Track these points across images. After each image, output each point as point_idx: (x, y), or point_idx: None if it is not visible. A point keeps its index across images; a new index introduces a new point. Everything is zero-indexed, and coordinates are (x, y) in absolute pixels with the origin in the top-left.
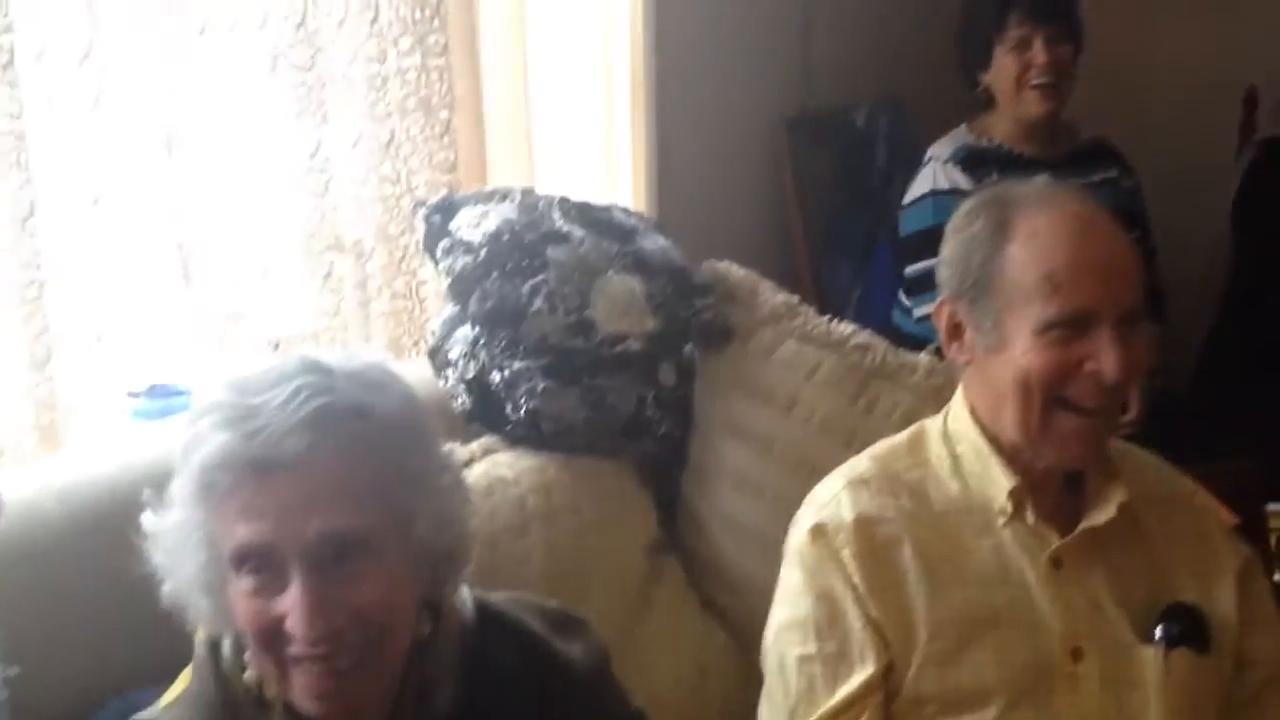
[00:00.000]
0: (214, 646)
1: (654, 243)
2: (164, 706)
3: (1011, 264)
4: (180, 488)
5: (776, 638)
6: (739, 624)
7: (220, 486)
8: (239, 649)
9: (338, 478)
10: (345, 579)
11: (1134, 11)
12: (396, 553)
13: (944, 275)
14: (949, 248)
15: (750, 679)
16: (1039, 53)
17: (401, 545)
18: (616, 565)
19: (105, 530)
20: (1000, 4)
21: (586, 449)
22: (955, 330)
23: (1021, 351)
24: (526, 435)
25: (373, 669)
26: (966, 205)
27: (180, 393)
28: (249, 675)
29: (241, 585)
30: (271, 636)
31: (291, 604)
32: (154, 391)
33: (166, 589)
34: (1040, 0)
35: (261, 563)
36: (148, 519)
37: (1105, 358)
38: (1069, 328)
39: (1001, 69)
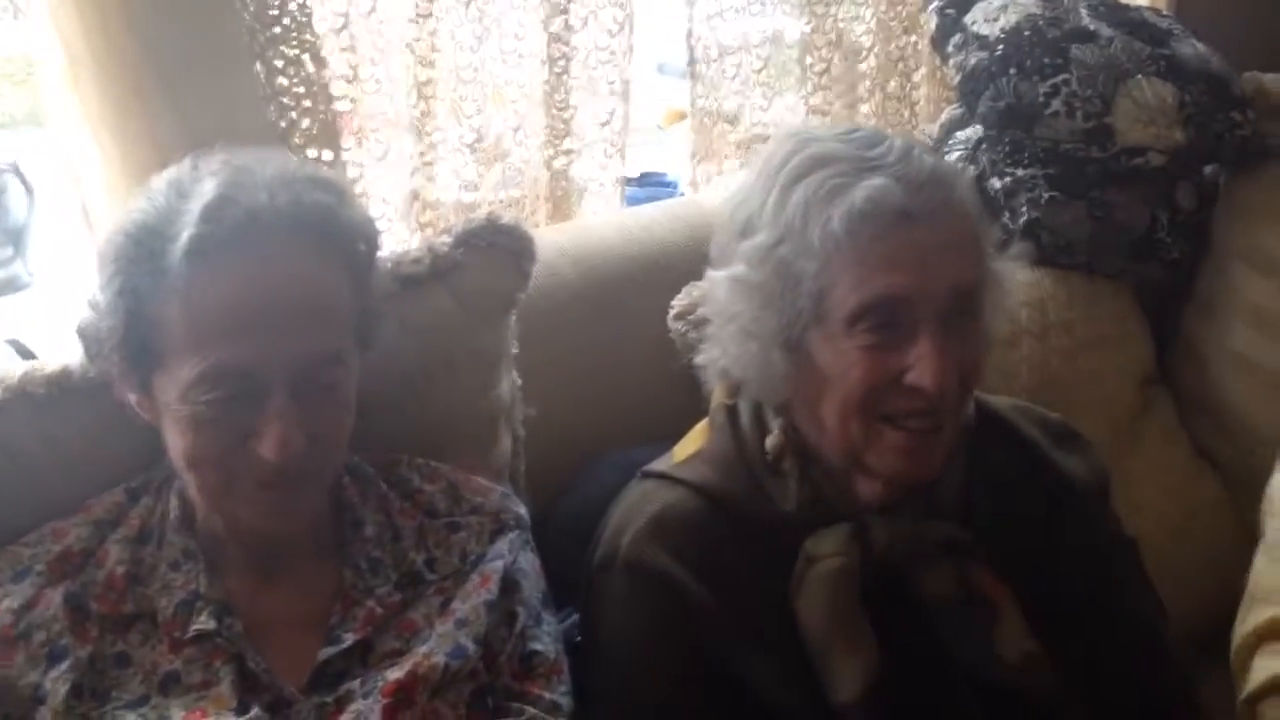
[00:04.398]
0: (732, 411)
1: (1191, 48)
2: (678, 462)
3: None
4: (791, 241)
5: None
6: (1235, 472)
7: (864, 234)
8: (757, 415)
9: (962, 232)
10: (962, 335)
11: None
12: (984, 318)
13: None
14: None
15: (1240, 532)
16: None
17: (983, 310)
18: (1107, 392)
19: (612, 294)
20: None
21: (1085, 267)
22: None
23: None
24: (1023, 247)
25: (947, 437)
26: None
27: (669, 183)
28: (771, 440)
29: (857, 340)
30: (880, 392)
31: (920, 356)
32: (645, 180)
33: (724, 347)
34: None
35: (891, 315)
36: (715, 277)
37: None
38: None
39: None
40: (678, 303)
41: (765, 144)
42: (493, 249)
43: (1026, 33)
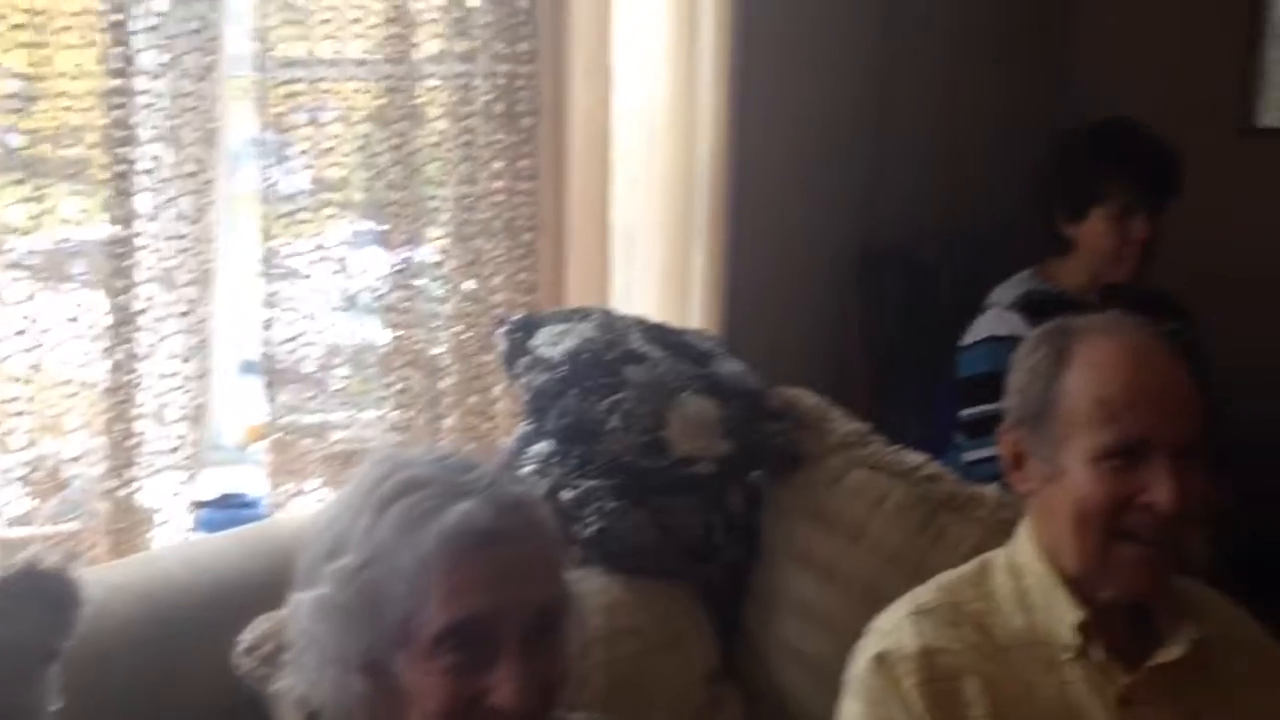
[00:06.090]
0: None
1: (729, 367)
2: None
3: (1069, 392)
4: (381, 562)
5: None
6: None
7: (453, 557)
8: None
9: (545, 554)
10: (545, 652)
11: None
12: (565, 637)
13: (1009, 405)
14: (1013, 377)
15: None
16: (1141, 227)
17: (563, 629)
18: (676, 691)
19: (176, 632)
20: (1111, 168)
21: (650, 571)
22: (1017, 460)
23: (1077, 481)
24: (591, 556)
25: None
26: (1032, 335)
27: (250, 504)
28: None
29: (441, 661)
30: (461, 715)
31: (502, 677)
32: (225, 502)
33: (304, 672)
34: (1156, 178)
35: (475, 635)
36: (300, 599)
37: (1160, 488)
38: (1124, 456)
39: (1096, 231)
40: (247, 637)
41: (356, 466)
42: (31, 597)
43: (585, 355)
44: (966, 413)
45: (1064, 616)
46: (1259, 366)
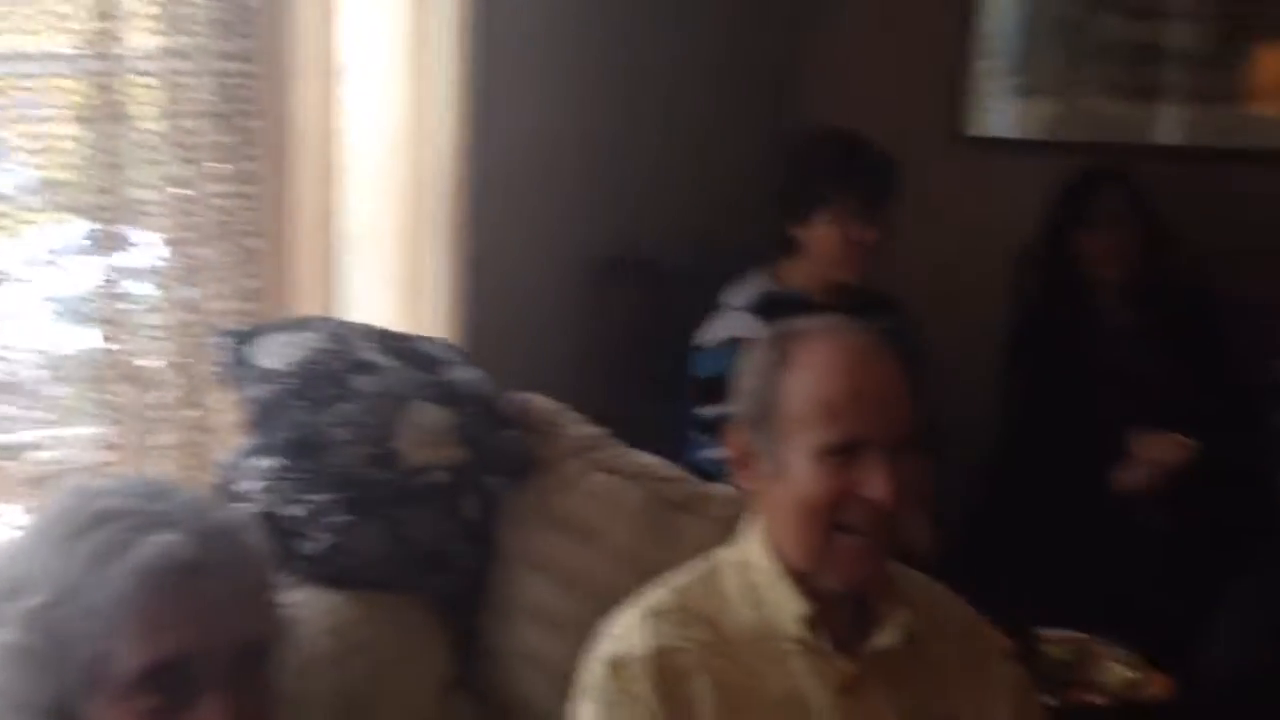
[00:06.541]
0: None
1: (463, 374)
2: None
3: (790, 393)
4: (69, 602)
5: None
6: None
7: (149, 592)
8: None
9: (252, 585)
10: (252, 689)
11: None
12: (273, 669)
13: (736, 405)
14: (740, 379)
15: None
16: (862, 230)
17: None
18: (410, 706)
19: None
20: (832, 175)
21: (384, 584)
22: (745, 459)
23: (800, 477)
24: (322, 572)
25: None
26: (759, 339)
27: None
28: None
29: (137, 705)
30: None
31: (207, 717)
32: None
33: None
34: (875, 185)
35: (175, 675)
36: None
37: (876, 482)
38: (842, 453)
39: (820, 234)
40: None
41: (47, 497)
42: None
43: (311, 366)
44: (705, 412)
45: (790, 609)
46: (967, 358)
